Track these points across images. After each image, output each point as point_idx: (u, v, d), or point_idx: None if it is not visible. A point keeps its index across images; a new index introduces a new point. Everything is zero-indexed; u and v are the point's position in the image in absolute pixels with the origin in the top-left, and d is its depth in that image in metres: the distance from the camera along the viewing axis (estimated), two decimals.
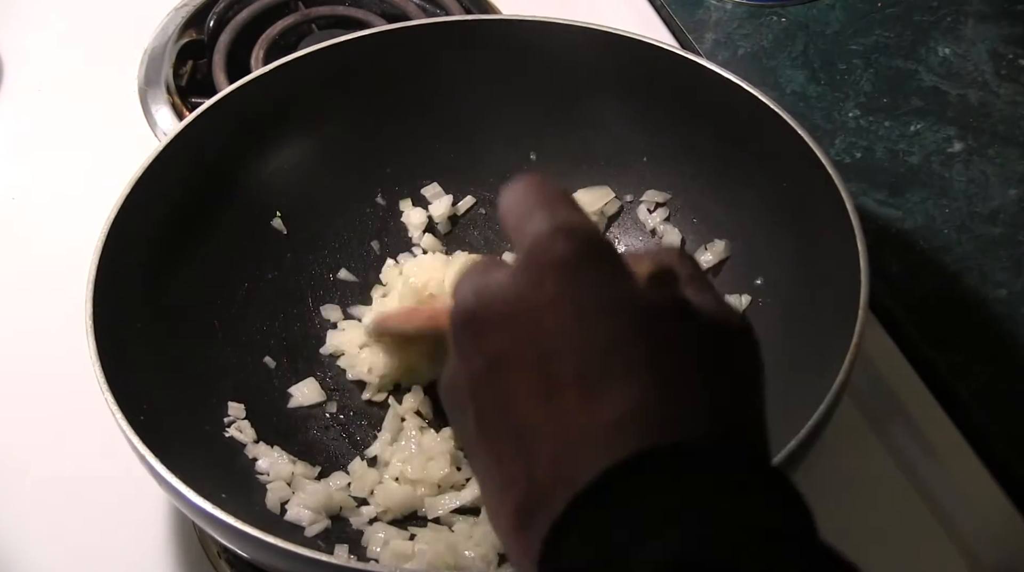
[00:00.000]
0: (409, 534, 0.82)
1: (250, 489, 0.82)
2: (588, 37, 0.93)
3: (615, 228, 0.97)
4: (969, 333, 0.94)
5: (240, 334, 0.90)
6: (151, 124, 1.10)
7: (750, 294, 0.90)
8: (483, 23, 0.99)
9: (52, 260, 0.99)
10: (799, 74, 1.11)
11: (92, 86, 1.15)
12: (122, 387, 0.75)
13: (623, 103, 0.95)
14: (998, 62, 1.09)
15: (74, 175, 1.08)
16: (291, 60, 0.93)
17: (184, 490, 0.70)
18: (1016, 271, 0.96)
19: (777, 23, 1.16)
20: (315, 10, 1.18)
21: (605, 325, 0.49)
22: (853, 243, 0.78)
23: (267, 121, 0.94)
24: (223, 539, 0.74)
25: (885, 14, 1.15)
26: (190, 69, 1.16)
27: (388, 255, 0.97)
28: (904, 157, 1.04)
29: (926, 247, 0.98)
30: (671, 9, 1.17)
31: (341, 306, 0.95)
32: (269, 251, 0.94)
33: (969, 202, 1.00)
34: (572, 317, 0.49)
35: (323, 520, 0.82)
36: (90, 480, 0.88)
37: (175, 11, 1.19)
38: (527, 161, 0.98)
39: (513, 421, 0.50)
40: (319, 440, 0.88)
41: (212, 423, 0.85)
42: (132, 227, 0.83)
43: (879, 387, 0.90)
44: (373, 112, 0.96)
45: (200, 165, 0.90)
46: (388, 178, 0.98)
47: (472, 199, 0.99)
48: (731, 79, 0.88)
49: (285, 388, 0.90)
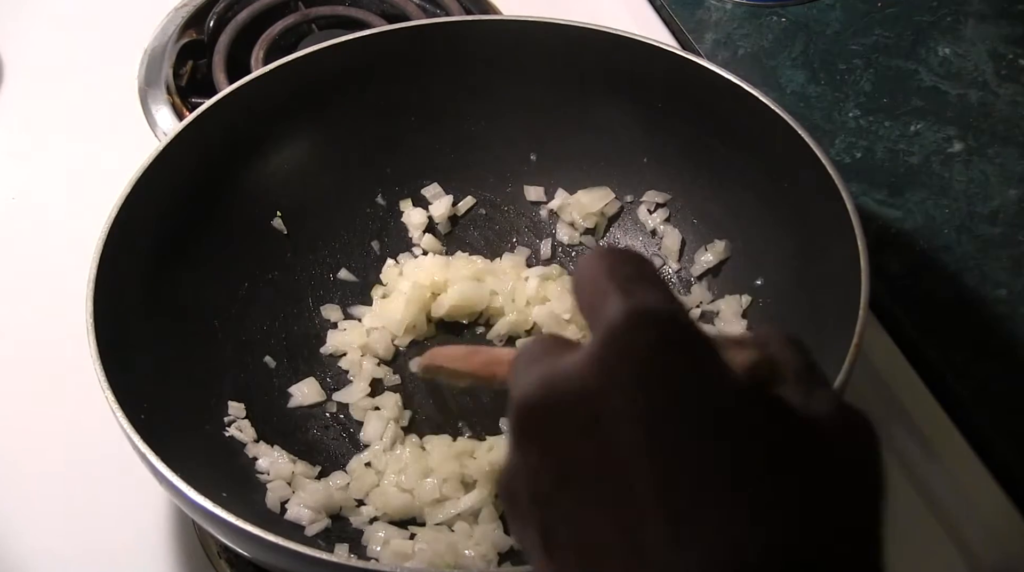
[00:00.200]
0: (409, 533, 0.81)
1: (250, 488, 0.82)
2: (588, 37, 0.93)
3: (615, 229, 0.97)
4: (969, 333, 0.94)
5: (240, 333, 0.90)
6: (151, 124, 1.10)
7: (750, 294, 0.90)
8: (483, 23, 0.99)
9: (52, 260, 0.99)
10: (799, 74, 1.11)
11: (92, 86, 1.15)
12: (123, 386, 0.75)
13: (623, 103, 0.94)
14: (998, 62, 1.09)
15: (74, 175, 1.08)
16: (291, 60, 0.93)
17: (184, 488, 0.70)
18: (1016, 271, 0.96)
19: (777, 23, 1.16)
20: (315, 10, 1.18)
21: (693, 439, 0.42)
22: (853, 243, 0.78)
23: (267, 121, 0.94)
24: (223, 538, 0.74)
25: (885, 14, 1.15)
26: (190, 69, 1.16)
27: (388, 255, 0.97)
28: (904, 157, 1.04)
29: (926, 247, 0.98)
30: (671, 9, 1.17)
31: (341, 306, 0.95)
32: (269, 251, 0.94)
33: (969, 202, 1.00)
34: (653, 428, 0.42)
35: (323, 519, 0.82)
36: (90, 479, 0.88)
37: (175, 11, 1.19)
38: (527, 161, 0.98)
39: (585, 555, 0.43)
40: (319, 439, 0.88)
41: (212, 422, 0.85)
42: (132, 227, 0.83)
43: (879, 387, 0.90)
44: (373, 112, 0.96)
45: (200, 165, 0.90)
46: (388, 178, 0.98)
47: (472, 199, 0.99)
48: (731, 79, 0.88)
49: (285, 387, 0.90)
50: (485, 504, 0.82)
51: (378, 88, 0.96)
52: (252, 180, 0.94)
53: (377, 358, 0.92)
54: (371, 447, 0.87)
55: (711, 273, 0.93)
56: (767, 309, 0.89)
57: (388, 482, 0.84)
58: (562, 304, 0.91)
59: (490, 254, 0.97)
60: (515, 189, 0.99)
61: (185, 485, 0.70)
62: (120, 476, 0.82)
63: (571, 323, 0.91)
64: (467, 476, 0.83)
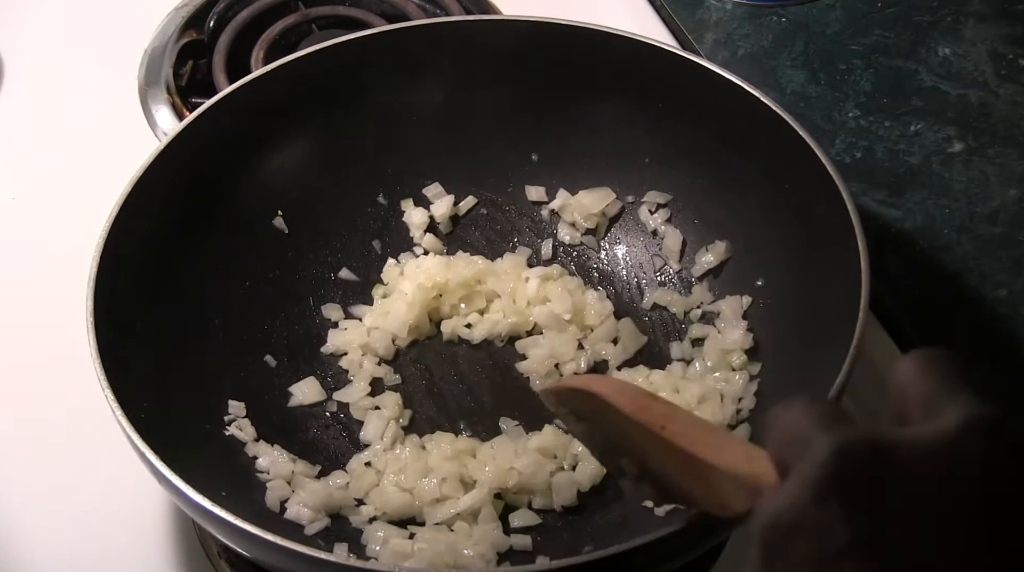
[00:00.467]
0: (408, 533, 0.81)
1: (250, 487, 0.82)
2: (588, 37, 0.93)
3: (616, 229, 0.97)
4: (969, 333, 0.94)
5: (241, 333, 0.90)
6: (151, 124, 1.10)
7: (751, 295, 0.90)
8: (483, 23, 0.99)
9: (52, 260, 0.99)
10: (799, 74, 1.11)
11: (92, 86, 1.15)
12: (123, 386, 0.75)
13: (624, 104, 0.95)
14: (998, 62, 1.09)
15: (74, 175, 1.08)
16: (291, 60, 0.93)
17: (184, 488, 0.70)
18: (1016, 271, 0.96)
19: (777, 23, 1.16)
20: (315, 10, 1.18)
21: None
22: (853, 243, 0.78)
23: (267, 121, 0.94)
24: (223, 537, 0.74)
25: (885, 14, 1.15)
26: (190, 69, 1.16)
27: (389, 255, 0.97)
28: (904, 157, 1.04)
29: (926, 247, 0.98)
30: (671, 9, 1.17)
31: (342, 305, 0.95)
32: (270, 250, 0.94)
33: (969, 202, 1.00)
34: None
35: (323, 519, 0.82)
36: (90, 479, 0.88)
37: (175, 11, 1.19)
38: (528, 161, 0.98)
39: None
40: (319, 439, 0.88)
41: (212, 421, 0.85)
42: (132, 227, 0.83)
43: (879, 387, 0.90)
44: (374, 112, 0.96)
45: (200, 165, 0.90)
46: (389, 178, 0.98)
47: (473, 199, 0.99)
48: (731, 79, 0.88)
49: (286, 387, 0.90)
50: (485, 504, 0.82)
51: (378, 88, 0.96)
52: (252, 180, 0.94)
53: (377, 357, 0.92)
54: (371, 447, 0.87)
55: (712, 273, 0.93)
56: (768, 309, 0.89)
57: (388, 482, 0.84)
58: (563, 304, 0.91)
59: (491, 254, 0.97)
60: (516, 189, 0.99)
61: (185, 485, 0.70)
62: (120, 476, 0.82)
63: (571, 323, 0.91)
64: (467, 476, 0.83)
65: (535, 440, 0.85)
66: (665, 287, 0.94)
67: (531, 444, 0.85)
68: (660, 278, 0.95)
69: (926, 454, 0.47)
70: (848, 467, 0.47)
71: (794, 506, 0.47)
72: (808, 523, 0.47)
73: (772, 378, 0.86)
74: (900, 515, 0.46)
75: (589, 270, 0.97)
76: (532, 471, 0.83)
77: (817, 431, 0.48)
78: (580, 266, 0.97)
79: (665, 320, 0.93)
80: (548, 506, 0.83)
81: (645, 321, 0.93)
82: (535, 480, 0.83)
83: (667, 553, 0.70)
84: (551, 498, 0.83)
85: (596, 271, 0.97)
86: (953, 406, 0.49)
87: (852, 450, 0.47)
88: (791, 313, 0.87)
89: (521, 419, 0.88)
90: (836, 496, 0.46)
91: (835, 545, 0.46)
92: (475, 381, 0.91)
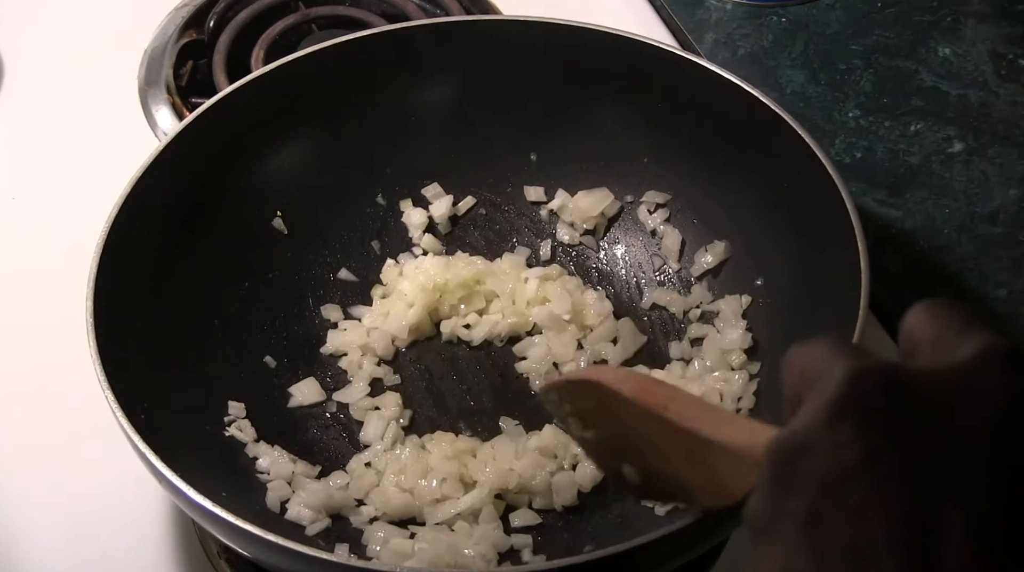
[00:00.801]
0: (409, 533, 0.81)
1: (250, 488, 0.82)
2: (588, 37, 0.93)
3: (616, 229, 0.97)
4: None
5: (240, 333, 0.90)
6: (151, 124, 1.10)
7: (750, 294, 0.90)
8: (483, 23, 0.99)
9: (52, 260, 0.99)
10: (799, 74, 1.11)
11: (92, 86, 1.15)
12: (122, 386, 0.75)
13: (623, 104, 0.95)
14: (998, 62, 1.09)
15: (74, 175, 1.08)
16: (291, 60, 0.94)
17: (184, 488, 0.70)
18: (1016, 271, 0.96)
19: (777, 23, 1.16)
20: (315, 10, 1.18)
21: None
22: (853, 243, 0.78)
23: (267, 121, 0.94)
24: (223, 537, 0.74)
25: (885, 14, 1.15)
26: (190, 69, 1.16)
27: (388, 255, 0.97)
28: (904, 157, 1.04)
29: (926, 247, 0.98)
30: (671, 9, 1.18)
31: (341, 306, 0.95)
32: (270, 251, 0.94)
33: (969, 202, 1.00)
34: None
35: (323, 519, 0.82)
36: (90, 479, 0.88)
37: (175, 11, 1.19)
38: (527, 161, 0.99)
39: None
40: (319, 439, 0.88)
41: (212, 422, 0.85)
42: (132, 227, 0.83)
43: None
44: (373, 112, 0.96)
45: (200, 165, 0.90)
46: (388, 178, 0.98)
47: (473, 199, 0.99)
48: (731, 79, 0.88)
49: (285, 387, 0.90)
50: (485, 504, 0.82)
51: (378, 88, 0.96)
52: (252, 180, 0.94)
53: (377, 358, 0.92)
54: (371, 447, 0.87)
55: (711, 273, 0.93)
56: (767, 309, 0.89)
57: (388, 482, 0.84)
58: (562, 304, 0.91)
59: (490, 254, 0.97)
60: (515, 189, 0.99)
61: (185, 485, 0.70)
62: (120, 476, 0.82)
63: (571, 323, 0.91)
64: (467, 476, 0.83)
65: (535, 440, 0.85)
66: (664, 287, 0.94)
67: (531, 444, 0.85)
68: (659, 278, 0.95)
69: (944, 382, 0.46)
70: (864, 389, 0.46)
71: (806, 427, 0.46)
72: (819, 442, 0.45)
73: (771, 378, 0.86)
74: (916, 437, 0.45)
75: (588, 270, 0.97)
76: (532, 471, 0.83)
77: (834, 361, 0.47)
78: (579, 266, 0.97)
79: (664, 320, 0.93)
80: (548, 506, 0.83)
81: (644, 321, 0.93)
82: (535, 480, 0.83)
83: (667, 553, 0.70)
84: (551, 498, 0.83)
85: (595, 271, 0.97)
86: (966, 341, 0.47)
87: (868, 374, 0.46)
88: (790, 313, 0.87)
89: (521, 419, 0.88)
90: (850, 416, 0.45)
91: (846, 463, 0.44)
92: (475, 381, 0.91)
